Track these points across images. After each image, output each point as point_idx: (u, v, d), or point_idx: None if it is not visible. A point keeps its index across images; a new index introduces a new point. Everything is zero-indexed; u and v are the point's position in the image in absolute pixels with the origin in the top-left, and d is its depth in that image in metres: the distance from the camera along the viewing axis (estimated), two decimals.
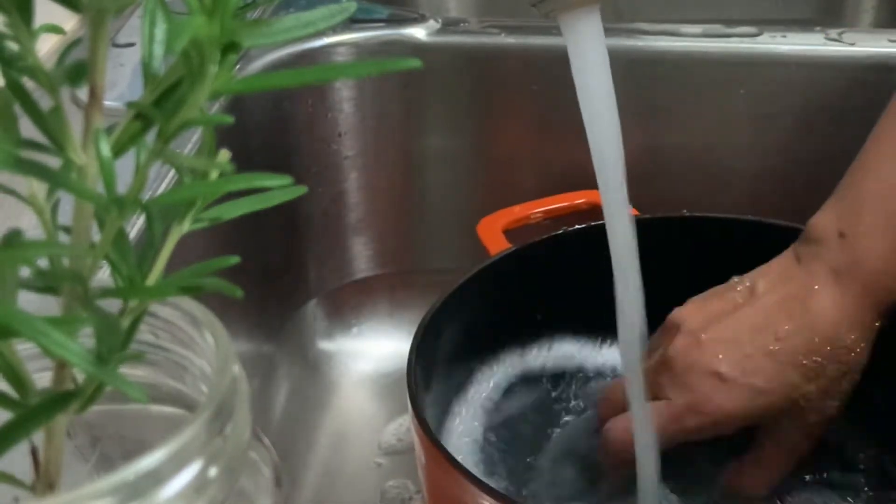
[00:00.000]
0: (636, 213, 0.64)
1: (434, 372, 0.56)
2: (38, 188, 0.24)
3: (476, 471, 0.55)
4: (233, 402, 0.24)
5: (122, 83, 0.65)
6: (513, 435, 0.59)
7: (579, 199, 0.67)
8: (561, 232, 0.62)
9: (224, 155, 0.26)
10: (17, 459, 0.24)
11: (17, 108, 0.22)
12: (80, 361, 0.21)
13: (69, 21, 0.23)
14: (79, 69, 0.22)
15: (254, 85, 0.23)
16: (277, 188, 0.25)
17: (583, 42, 0.45)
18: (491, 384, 0.62)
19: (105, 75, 0.22)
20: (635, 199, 0.66)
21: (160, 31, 0.22)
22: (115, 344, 0.22)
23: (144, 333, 0.26)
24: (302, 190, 0.26)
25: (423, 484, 0.52)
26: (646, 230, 0.53)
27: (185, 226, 0.26)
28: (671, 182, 0.73)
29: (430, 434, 0.48)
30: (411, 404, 0.49)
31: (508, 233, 0.65)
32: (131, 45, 0.69)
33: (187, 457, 0.22)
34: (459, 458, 0.48)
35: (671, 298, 0.61)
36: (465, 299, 0.58)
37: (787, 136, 0.60)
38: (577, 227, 0.62)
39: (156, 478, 0.22)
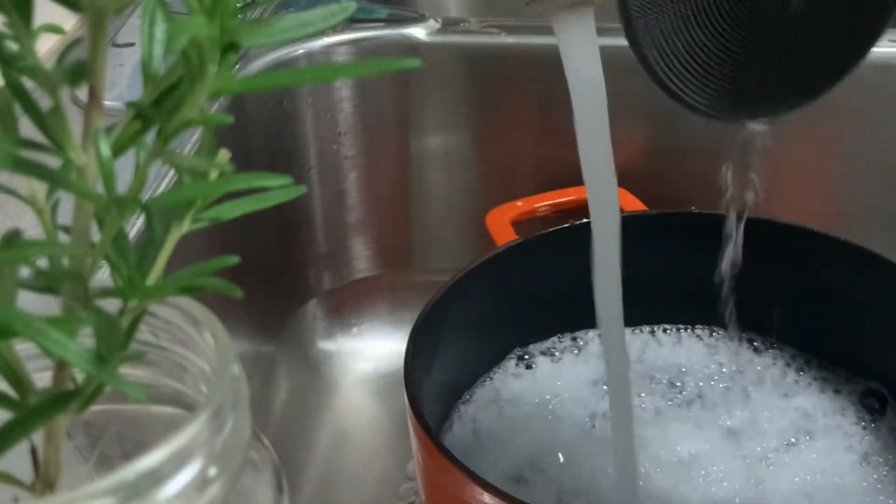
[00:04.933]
0: (645, 208, 0.65)
1: (434, 363, 0.56)
2: (38, 188, 0.24)
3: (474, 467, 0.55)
4: (233, 402, 0.24)
5: (122, 83, 0.65)
6: (513, 430, 0.59)
7: None
8: (568, 225, 0.62)
9: (224, 155, 0.26)
10: (17, 459, 0.24)
11: (17, 108, 0.22)
12: (79, 361, 0.21)
13: (69, 21, 0.23)
14: (79, 69, 0.22)
15: (254, 85, 0.23)
16: (277, 188, 0.25)
17: (575, 43, 0.45)
18: (493, 377, 0.62)
19: (105, 75, 0.22)
20: (643, 195, 0.66)
21: (160, 31, 0.22)
22: (114, 344, 0.22)
23: (144, 333, 0.26)
24: (302, 190, 0.26)
25: (421, 482, 0.52)
26: (654, 225, 0.53)
27: (185, 226, 0.26)
28: (677, 180, 0.73)
29: (427, 427, 0.48)
30: (408, 397, 0.49)
31: (516, 226, 0.65)
32: (131, 45, 0.69)
33: (187, 457, 0.22)
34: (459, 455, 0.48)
35: (676, 293, 0.61)
36: (467, 290, 0.58)
37: (787, 134, 0.60)
38: (584, 220, 0.62)
39: (156, 478, 0.22)
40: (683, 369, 0.63)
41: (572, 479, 0.57)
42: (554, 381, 0.62)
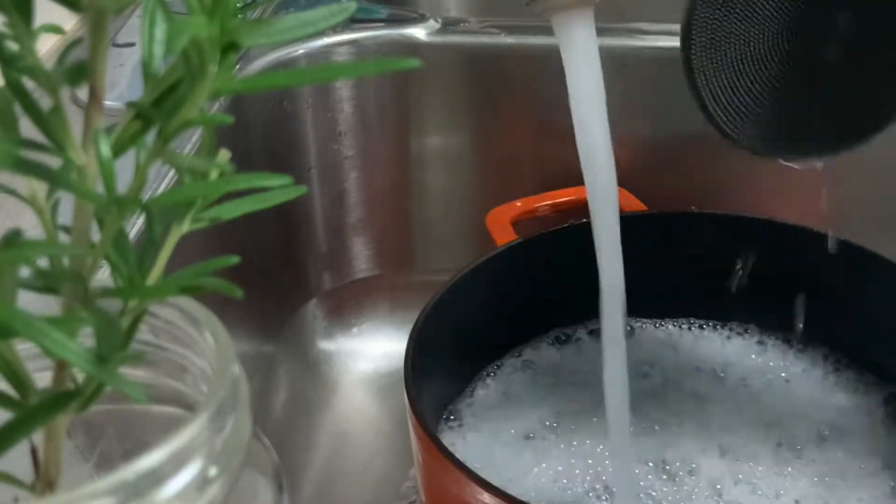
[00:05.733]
0: (644, 208, 0.65)
1: (434, 364, 0.56)
2: (38, 188, 0.24)
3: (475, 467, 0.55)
4: (233, 401, 0.24)
5: (122, 83, 0.65)
6: (513, 430, 0.59)
7: None
8: (568, 225, 0.62)
9: (224, 155, 0.26)
10: (17, 459, 0.24)
11: (18, 108, 0.22)
12: (80, 361, 0.21)
13: (69, 21, 0.23)
14: (79, 69, 0.22)
15: (254, 85, 0.23)
16: (277, 188, 0.25)
17: (574, 42, 0.45)
18: (493, 378, 0.62)
19: (105, 75, 0.22)
20: (643, 195, 0.66)
21: (160, 31, 0.22)
22: (115, 344, 0.22)
23: (144, 333, 0.26)
24: (302, 190, 0.26)
25: (421, 482, 0.52)
26: (654, 225, 0.53)
27: (185, 226, 0.26)
28: (678, 180, 0.73)
29: (427, 427, 0.48)
30: (408, 397, 0.49)
31: (517, 225, 0.65)
32: (131, 45, 0.69)
33: (187, 457, 0.22)
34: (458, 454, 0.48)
35: (679, 293, 0.61)
36: (467, 290, 0.58)
37: None
38: (584, 220, 0.62)
39: (156, 478, 0.22)
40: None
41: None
42: (553, 380, 0.62)
